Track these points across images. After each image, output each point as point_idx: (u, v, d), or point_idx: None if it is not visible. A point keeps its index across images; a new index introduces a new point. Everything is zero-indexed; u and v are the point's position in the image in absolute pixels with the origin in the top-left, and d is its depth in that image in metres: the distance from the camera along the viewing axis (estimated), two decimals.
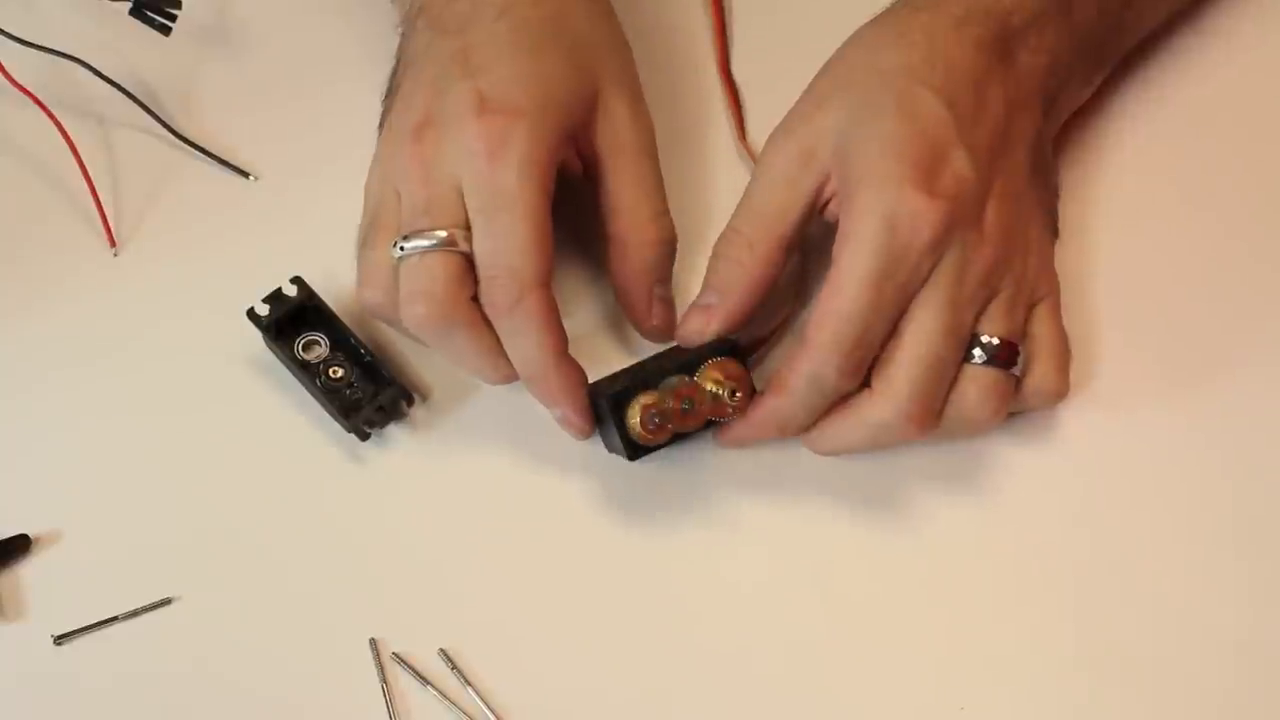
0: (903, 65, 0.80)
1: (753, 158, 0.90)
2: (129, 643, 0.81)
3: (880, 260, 0.76)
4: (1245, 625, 0.79)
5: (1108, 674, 0.78)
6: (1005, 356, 0.79)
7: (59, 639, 0.81)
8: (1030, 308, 0.81)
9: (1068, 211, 0.86)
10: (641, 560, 0.82)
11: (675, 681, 0.79)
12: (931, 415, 0.78)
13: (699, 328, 0.81)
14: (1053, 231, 0.84)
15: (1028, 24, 0.82)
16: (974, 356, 0.79)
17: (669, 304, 0.84)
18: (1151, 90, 0.91)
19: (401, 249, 0.80)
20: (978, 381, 0.79)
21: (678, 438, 0.80)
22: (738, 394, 0.79)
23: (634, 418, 0.79)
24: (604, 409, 0.80)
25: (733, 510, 0.82)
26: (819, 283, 0.83)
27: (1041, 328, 0.81)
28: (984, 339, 0.79)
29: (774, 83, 0.86)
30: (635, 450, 0.80)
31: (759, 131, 0.91)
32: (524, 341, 0.79)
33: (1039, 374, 0.81)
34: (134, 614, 0.81)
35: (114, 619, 0.81)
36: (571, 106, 0.82)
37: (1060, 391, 0.82)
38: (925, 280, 0.78)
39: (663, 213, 0.84)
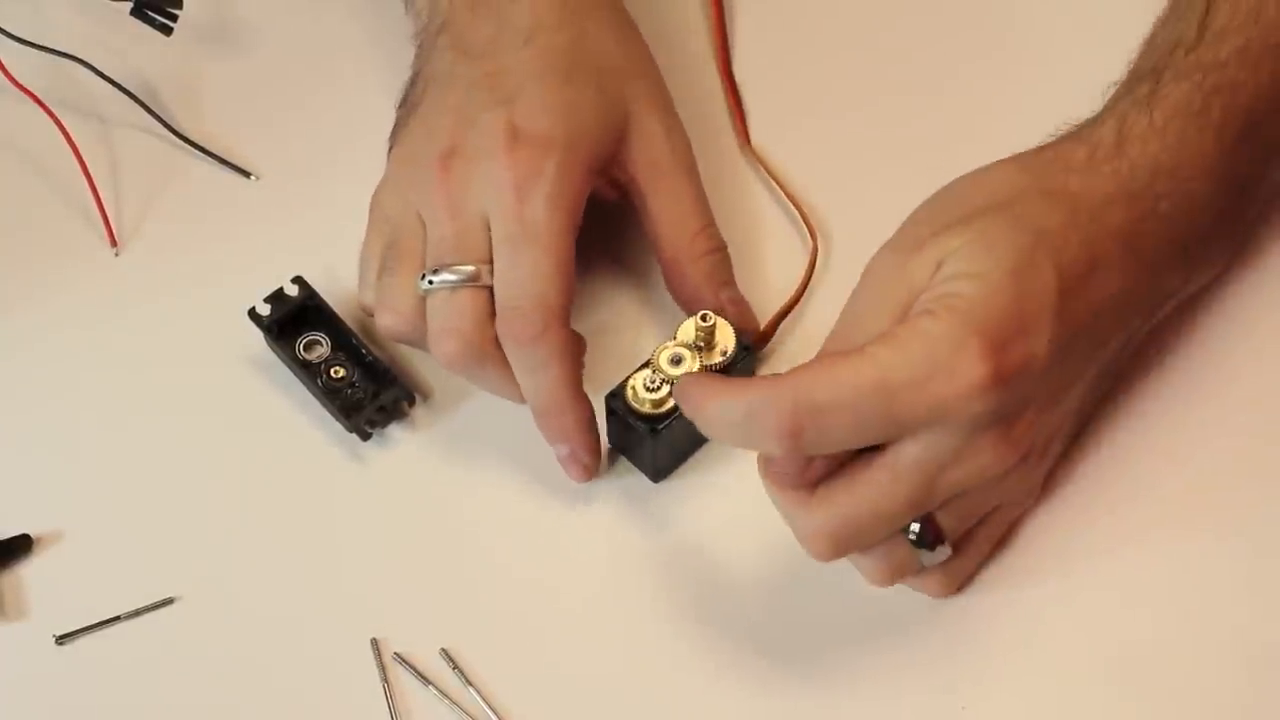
0: (1039, 228, 0.73)
1: (758, 162, 0.90)
2: (131, 643, 0.81)
3: (904, 379, 0.70)
4: (1250, 625, 0.79)
5: (1110, 674, 0.78)
6: (927, 540, 0.75)
7: (61, 639, 0.81)
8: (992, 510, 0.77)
9: None
10: (643, 559, 0.82)
11: (676, 681, 0.79)
12: (835, 554, 0.73)
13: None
14: (1068, 442, 0.80)
15: (1174, 211, 0.76)
16: (909, 530, 0.74)
17: (741, 303, 0.84)
18: None
19: (430, 282, 0.80)
20: (894, 550, 0.74)
21: (700, 443, 0.82)
22: (723, 344, 0.80)
23: (634, 389, 0.80)
24: (613, 414, 0.81)
25: (734, 510, 0.82)
26: (831, 271, 0.84)
27: (981, 532, 0.78)
28: (922, 523, 0.74)
29: (776, 84, 0.86)
30: (658, 472, 0.82)
31: (761, 133, 0.91)
32: (544, 375, 0.79)
33: (942, 571, 0.77)
34: (136, 614, 0.81)
35: (116, 619, 0.81)
36: (602, 137, 0.82)
37: (948, 593, 0.78)
38: (925, 426, 0.71)
39: (708, 225, 0.84)
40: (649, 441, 0.81)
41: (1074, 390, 0.76)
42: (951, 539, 0.75)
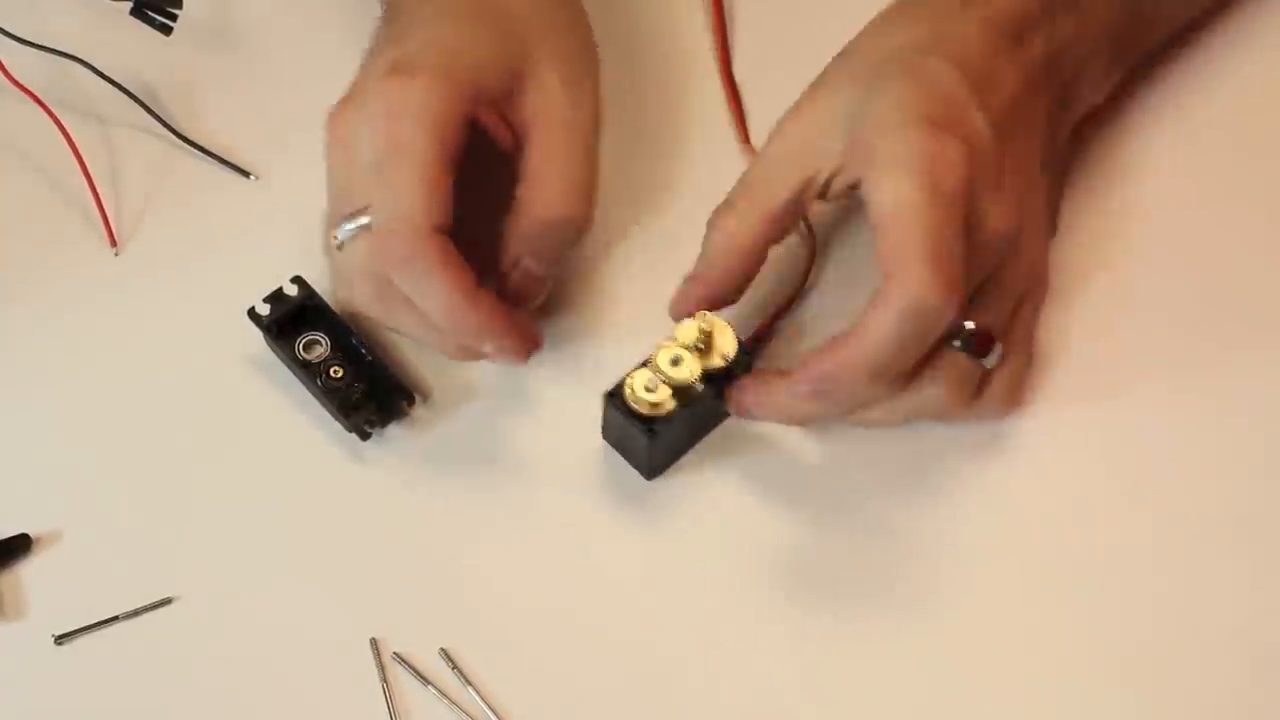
0: (911, 42, 0.80)
1: None
2: (129, 642, 0.81)
3: (929, 186, 0.75)
4: (1246, 624, 0.79)
5: (1108, 673, 0.78)
6: (981, 347, 0.78)
7: (59, 639, 0.81)
8: (1019, 303, 0.81)
9: (1069, 209, 0.86)
10: (642, 559, 0.82)
11: (675, 681, 0.79)
12: (911, 355, 0.76)
13: (683, 295, 0.80)
14: (1052, 227, 0.84)
15: (1038, 10, 0.81)
16: (952, 343, 0.78)
17: (534, 279, 0.83)
18: (1169, 94, 0.90)
19: (337, 238, 0.80)
20: (953, 368, 0.78)
21: (693, 440, 0.83)
22: (723, 347, 0.80)
23: (633, 388, 0.79)
24: (610, 412, 0.80)
25: (734, 512, 0.82)
26: (829, 269, 0.85)
27: (1017, 332, 0.81)
28: (967, 324, 0.78)
29: (775, 84, 0.85)
30: (652, 471, 0.82)
31: (761, 133, 0.90)
32: (430, 290, 0.78)
33: (997, 383, 0.80)
34: (134, 614, 0.81)
35: (114, 619, 0.81)
36: (484, 69, 0.80)
37: (1012, 406, 0.81)
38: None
39: (574, 190, 0.81)
40: (645, 441, 0.80)
41: (1032, 161, 0.80)
42: (997, 335, 0.78)
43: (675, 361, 0.80)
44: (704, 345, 0.81)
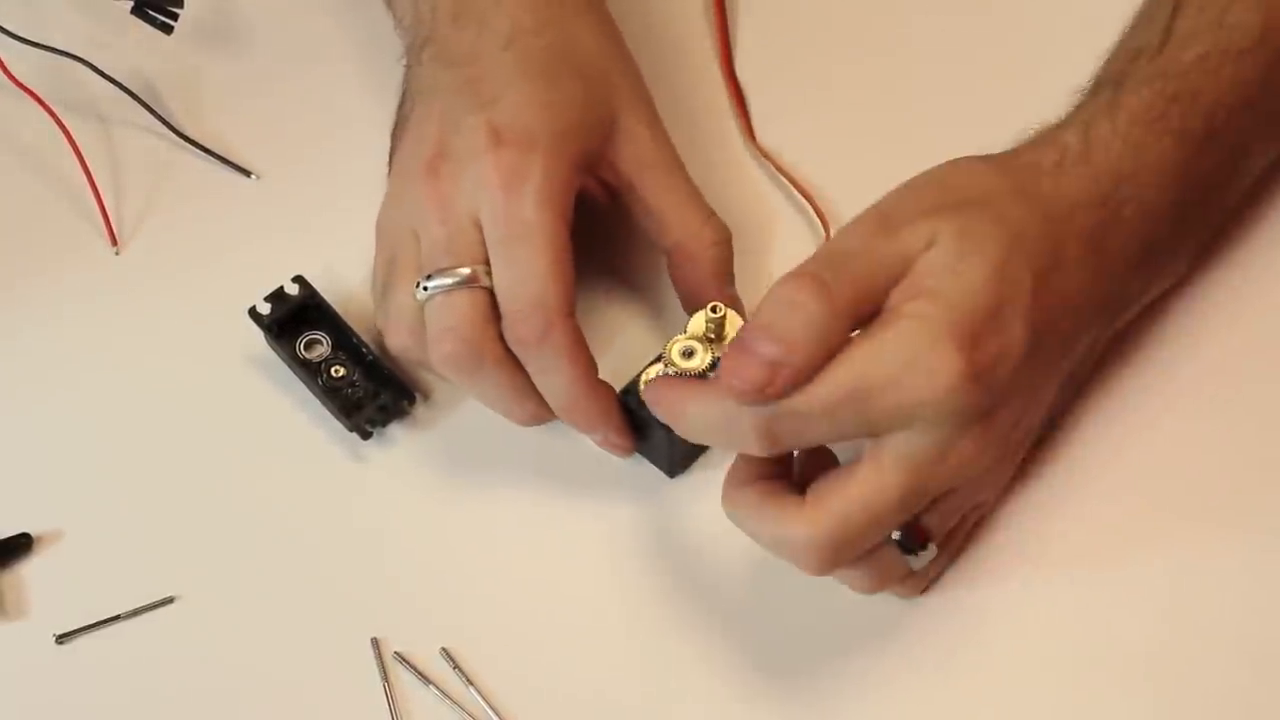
0: (1016, 229, 0.73)
1: (765, 157, 0.90)
2: (130, 642, 0.81)
3: (881, 379, 0.71)
4: (1249, 626, 0.79)
5: (1109, 674, 0.78)
6: (913, 544, 0.75)
7: (60, 638, 0.81)
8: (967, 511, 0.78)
9: None
10: (643, 559, 0.82)
11: (676, 682, 0.79)
12: (832, 563, 0.73)
13: (758, 383, 0.72)
14: (1047, 427, 0.81)
15: (1137, 215, 0.77)
16: (892, 534, 0.75)
17: (739, 303, 0.83)
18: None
19: (425, 289, 0.79)
20: (882, 558, 0.75)
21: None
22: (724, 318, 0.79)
23: (646, 385, 0.79)
24: (629, 413, 0.80)
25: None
26: None
27: (954, 536, 0.79)
28: (905, 526, 0.75)
29: (778, 82, 0.86)
30: (674, 467, 0.82)
31: (764, 131, 0.91)
32: (556, 375, 0.79)
33: (915, 575, 0.78)
34: (135, 613, 0.81)
35: (116, 618, 0.81)
36: (587, 133, 0.81)
37: (916, 594, 0.79)
38: (905, 424, 0.71)
39: (711, 214, 0.83)
40: (666, 436, 0.80)
41: (1046, 389, 0.77)
42: (935, 539, 0.75)
43: (688, 353, 0.79)
44: (714, 335, 0.80)
